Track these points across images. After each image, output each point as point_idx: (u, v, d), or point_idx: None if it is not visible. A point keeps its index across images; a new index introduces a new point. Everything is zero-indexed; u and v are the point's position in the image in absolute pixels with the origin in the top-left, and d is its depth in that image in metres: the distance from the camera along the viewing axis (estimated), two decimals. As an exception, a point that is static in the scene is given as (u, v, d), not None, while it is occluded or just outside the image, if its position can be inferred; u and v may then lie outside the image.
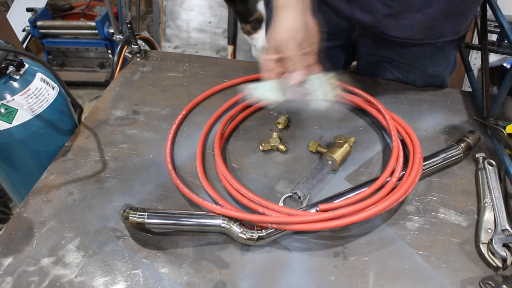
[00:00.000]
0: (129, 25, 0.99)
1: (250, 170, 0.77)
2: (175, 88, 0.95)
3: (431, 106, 0.89)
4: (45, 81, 0.76)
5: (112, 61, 1.01)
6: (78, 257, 0.63)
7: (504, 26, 0.79)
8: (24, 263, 0.63)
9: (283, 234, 0.65)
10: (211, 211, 0.65)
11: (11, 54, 0.72)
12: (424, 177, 0.74)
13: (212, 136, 0.82)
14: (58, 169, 0.77)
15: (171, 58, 1.04)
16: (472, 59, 1.71)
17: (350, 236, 0.66)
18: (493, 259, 0.61)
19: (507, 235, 0.63)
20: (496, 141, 0.78)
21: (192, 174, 0.76)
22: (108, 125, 0.86)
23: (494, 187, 0.70)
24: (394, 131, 0.77)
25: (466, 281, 0.60)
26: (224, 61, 1.06)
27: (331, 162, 0.75)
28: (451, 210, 0.69)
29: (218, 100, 0.91)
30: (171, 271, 0.62)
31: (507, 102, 0.88)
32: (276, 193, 0.73)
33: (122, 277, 0.61)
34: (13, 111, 0.71)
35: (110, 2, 1.93)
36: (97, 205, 0.71)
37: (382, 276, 0.61)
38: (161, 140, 0.82)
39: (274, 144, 0.79)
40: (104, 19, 2.24)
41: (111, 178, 0.75)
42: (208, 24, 2.33)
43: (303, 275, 0.61)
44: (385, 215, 0.68)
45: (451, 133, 0.82)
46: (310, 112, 0.88)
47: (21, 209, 0.70)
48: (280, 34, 0.64)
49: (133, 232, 0.67)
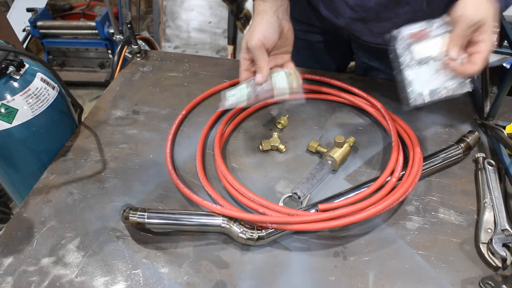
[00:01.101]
0: (129, 25, 0.99)
1: (250, 170, 0.77)
2: (175, 88, 0.95)
3: (431, 106, 0.88)
4: (45, 81, 0.76)
5: (112, 61, 1.01)
6: (78, 257, 0.63)
7: (504, 26, 0.79)
8: (24, 263, 0.63)
9: (283, 234, 0.65)
10: (211, 211, 0.65)
11: (11, 54, 0.72)
12: (424, 177, 0.74)
13: (212, 136, 0.82)
14: (58, 169, 0.77)
15: (171, 58, 1.04)
16: (472, 59, 1.70)
17: (350, 236, 0.66)
18: (493, 259, 0.61)
19: (507, 235, 0.63)
20: (496, 141, 0.78)
21: (192, 174, 0.76)
22: (108, 125, 0.86)
23: (494, 187, 0.70)
24: (394, 131, 0.77)
25: (466, 281, 0.60)
26: (224, 61, 1.06)
27: (331, 162, 0.75)
28: (451, 210, 0.69)
29: (218, 100, 0.91)
30: (171, 271, 0.62)
31: (507, 102, 0.88)
32: (276, 193, 0.73)
33: (122, 277, 0.61)
34: (13, 111, 0.71)
35: (110, 2, 1.94)
36: (97, 205, 0.71)
37: (382, 276, 0.61)
38: (161, 140, 0.82)
39: (274, 144, 0.80)
40: (104, 19, 2.24)
41: (111, 178, 0.75)
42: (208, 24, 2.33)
43: (303, 275, 0.61)
44: (385, 215, 0.68)
45: (451, 133, 0.82)
46: (310, 112, 0.88)
47: (21, 209, 0.70)
48: (252, 39, 0.69)
49: (133, 232, 0.67)
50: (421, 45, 0.67)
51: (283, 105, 0.90)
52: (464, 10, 0.63)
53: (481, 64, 0.65)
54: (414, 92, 0.67)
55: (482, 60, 0.65)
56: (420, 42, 0.67)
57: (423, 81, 0.67)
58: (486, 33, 0.64)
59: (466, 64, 0.65)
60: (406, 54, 0.68)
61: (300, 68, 0.97)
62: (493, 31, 0.64)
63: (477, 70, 0.65)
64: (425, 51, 0.67)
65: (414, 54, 0.67)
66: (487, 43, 0.64)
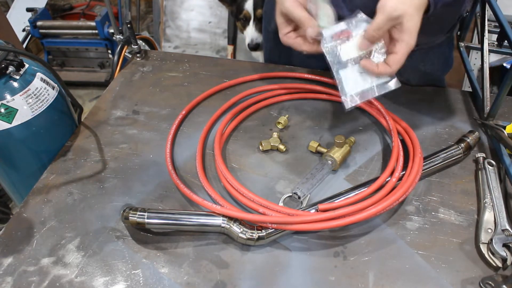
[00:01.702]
0: (129, 25, 0.99)
1: (250, 170, 0.77)
2: (175, 88, 0.95)
3: (431, 106, 0.89)
4: (45, 81, 0.76)
5: (112, 61, 1.01)
6: (78, 257, 0.63)
7: (504, 26, 0.79)
8: (24, 263, 0.63)
9: (283, 234, 0.65)
10: (211, 211, 0.65)
11: (11, 54, 0.72)
12: (424, 177, 0.74)
13: (212, 136, 0.82)
14: (58, 169, 0.77)
15: (171, 58, 1.04)
16: (472, 59, 1.71)
17: (350, 236, 0.66)
18: (493, 259, 0.61)
19: (507, 235, 0.63)
20: (496, 141, 0.78)
21: (192, 174, 0.76)
22: (108, 125, 0.86)
23: (494, 187, 0.70)
24: (394, 131, 0.77)
25: (466, 281, 0.60)
26: (224, 61, 1.06)
27: (331, 162, 0.75)
28: (451, 210, 0.69)
29: (218, 100, 0.91)
30: (171, 271, 0.62)
31: (507, 102, 0.88)
32: (276, 193, 0.73)
33: (122, 277, 0.61)
34: (13, 111, 0.71)
35: (110, 2, 1.94)
36: (97, 205, 0.71)
37: (382, 276, 0.61)
38: (161, 140, 0.82)
39: (274, 144, 0.80)
40: (104, 19, 2.25)
41: (111, 178, 0.75)
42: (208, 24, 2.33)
43: (303, 275, 0.61)
44: (385, 215, 0.68)
45: (451, 133, 0.82)
46: (310, 112, 0.88)
47: (21, 209, 0.70)
48: (285, 2, 0.66)
49: (133, 232, 0.67)
50: (345, 46, 0.66)
51: (283, 105, 0.90)
52: (386, 1, 0.59)
53: (395, 67, 0.63)
54: (346, 95, 0.65)
55: (397, 63, 0.62)
56: (344, 42, 0.66)
57: (352, 83, 0.65)
58: (406, 32, 0.60)
59: (381, 66, 0.63)
60: (334, 56, 0.66)
61: (300, 68, 0.98)
62: (415, 31, 0.60)
63: (391, 72, 0.63)
64: (348, 52, 0.66)
65: (340, 56, 0.65)
66: (405, 44, 0.61)
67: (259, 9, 1.61)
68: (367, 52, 0.65)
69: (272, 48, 1.04)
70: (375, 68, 0.64)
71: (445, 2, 0.63)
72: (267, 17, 1.02)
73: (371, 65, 0.64)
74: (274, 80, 0.95)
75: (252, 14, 1.64)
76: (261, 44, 1.63)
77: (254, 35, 1.65)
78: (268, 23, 1.01)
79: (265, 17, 1.05)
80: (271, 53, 1.06)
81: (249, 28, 1.67)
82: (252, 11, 1.63)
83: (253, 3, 1.63)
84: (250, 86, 0.93)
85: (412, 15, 0.60)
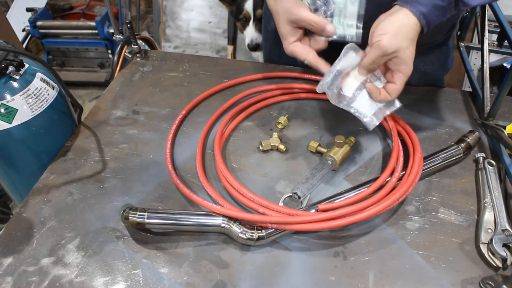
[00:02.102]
0: (129, 25, 0.99)
1: (250, 170, 0.77)
2: (175, 88, 0.95)
3: (431, 106, 0.89)
4: (45, 81, 0.76)
5: (112, 61, 1.01)
6: (78, 257, 0.63)
7: (504, 26, 0.79)
8: (24, 263, 0.63)
9: (283, 234, 0.65)
10: (211, 211, 0.65)
11: (11, 54, 0.72)
12: (424, 177, 0.74)
13: (212, 136, 0.82)
14: (58, 169, 0.77)
15: (171, 58, 1.04)
16: (472, 59, 1.71)
17: (350, 236, 0.66)
18: (493, 259, 0.61)
19: (507, 235, 0.63)
20: (496, 141, 0.78)
21: (192, 174, 0.76)
22: (108, 125, 0.86)
23: (494, 187, 0.70)
24: (394, 131, 0.77)
25: (466, 281, 0.60)
26: (224, 61, 1.06)
27: (331, 162, 0.75)
28: (451, 210, 0.69)
29: (218, 100, 0.91)
30: (171, 271, 0.62)
31: (507, 102, 0.88)
32: (276, 193, 0.73)
33: (122, 277, 0.61)
34: (13, 111, 0.71)
35: (110, 2, 1.94)
36: (97, 205, 0.71)
37: (382, 276, 0.61)
38: (161, 140, 0.82)
39: (274, 144, 0.79)
40: (104, 19, 2.25)
41: (111, 178, 0.75)
42: (208, 24, 2.33)
43: (303, 275, 0.61)
44: (385, 215, 0.68)
45: (451, 133, 0.82)
46: (310, 112, 0.88)
47: (21, 209, 0.70)
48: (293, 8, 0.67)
49: (133, 232, 0.67)
50: (346, 83, 0.70)
51: (283, 105, 0.90)
52: (381, 38, 0.61)
53: (395, 95, 0.67)
54: (365, 118, 0.69)
55: (396, 92, 0.67)
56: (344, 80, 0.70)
57: (366, 107, 0.70)
58: (402, 64, 0.63)
59: (382, 93, 0.68)
60: (340, 97, 0.70)
61: (299, 68, 0.98)
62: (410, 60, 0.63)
63: (391, 99, 0.68)
64: (351, 86, 0.70)
65: (345, 96, 0.70)
66: (402, 74, 0.65)
67: (259, 9, 1.61)
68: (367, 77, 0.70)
69: (272, 47, 1.04)
70: (378, 96, 0.68)
71: (437, 21, 0.65)
72: (267, 17, 1.02)
73: (376, 90, 0.68)
74: (274, 80, 0.95)
75: (252, 14, 1.64)
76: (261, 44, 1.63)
77: (254, 35, 1.65)
78: (268, 22, 1.01)
79: (264, 17, 1.05)
80: (271, 52, 1.06)
81: (249, 28, 1.68)
82: (252, 11, 1.64)
83: (253, 3, 1.63)
84: (250, 86, 0.93)
85: (406, 47, 0.62)
